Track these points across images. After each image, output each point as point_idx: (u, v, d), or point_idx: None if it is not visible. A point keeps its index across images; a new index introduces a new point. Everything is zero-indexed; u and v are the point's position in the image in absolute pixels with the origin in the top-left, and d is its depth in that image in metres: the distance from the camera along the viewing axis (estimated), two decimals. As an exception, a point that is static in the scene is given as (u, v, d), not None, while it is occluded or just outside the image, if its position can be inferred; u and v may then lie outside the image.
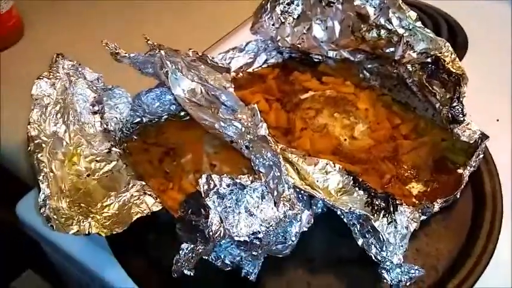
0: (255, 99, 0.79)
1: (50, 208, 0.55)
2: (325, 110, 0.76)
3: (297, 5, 0.82)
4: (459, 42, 0.95)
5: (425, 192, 0.66)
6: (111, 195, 0.60)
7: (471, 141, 0.67)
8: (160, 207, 0.60)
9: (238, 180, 0.54)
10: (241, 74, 0.86)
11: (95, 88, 0.70)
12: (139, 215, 0.58)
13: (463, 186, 0.65)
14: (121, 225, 0.57)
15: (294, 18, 0.83)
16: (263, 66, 0.87)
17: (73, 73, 0.68)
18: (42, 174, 0.57)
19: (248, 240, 0.53)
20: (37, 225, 0.70)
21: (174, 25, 1.08)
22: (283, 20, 0.83)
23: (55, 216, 0.55)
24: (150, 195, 0.60)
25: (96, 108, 0.69)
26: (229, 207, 0.53)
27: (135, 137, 0.74)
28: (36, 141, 0.60)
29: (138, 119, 0.75)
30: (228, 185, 0.53)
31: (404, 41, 0.72)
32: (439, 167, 0.68)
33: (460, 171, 0.67)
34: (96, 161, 0.65)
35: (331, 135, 0.73)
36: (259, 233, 0.53)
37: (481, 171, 0.69)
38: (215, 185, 0.53)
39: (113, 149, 0.67)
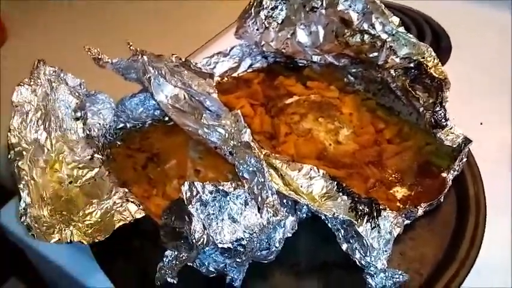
0: (240, 103, 0.79)
1: (31, 216, 0.54)
2: (310, 115, 0.76)
3: (281, 10, 0.83)
4: (443, 47, 0.95)
5: (410, 196, 0.66)
6: (93, 202, 0.60)
7: (454, 146, 0.67)
8: (143, 215, 0.59)
9: (221, 187, 0.53)
10: (226, 78, 0.86)
11: (77, 94, 0.69)
12: (121, 223, 0.57)
13: (446, 190, 0.65)
14: (103, 233, 0.56)
15: (278, 23, 0.83)
16: (248, 70, 0.87)
17: (54, 79, 0.67)
18: (23, 182, 0.57)
19: (232, 247, 0.53)
20: (20, 233, 0.69)
21: (158, 30, 1.07)
22: (267, 25, 0.83)
23: (36, 225, 0.54)
24: (133, 202, 0.60)
25: (79, 114, 0.68)
26: (213, 214, 0.53)
27: (118, 143, 0.73)
28: (16, 149, 0.59)
29: (122, 125, 0.75)
30: (211, 192, 0.53)
31: (388, 46, 0.73)
32: (423, 171, 0.68)
33: (443, 175, 0.67)
34: (79, 168, 0.64)
35: (315, 140, 0.73)
36: (243, 239, 0.53)
37: (464, 175, 0.69)
38: (198, 192, 0.52)
39: (96, 155, 0.66)
